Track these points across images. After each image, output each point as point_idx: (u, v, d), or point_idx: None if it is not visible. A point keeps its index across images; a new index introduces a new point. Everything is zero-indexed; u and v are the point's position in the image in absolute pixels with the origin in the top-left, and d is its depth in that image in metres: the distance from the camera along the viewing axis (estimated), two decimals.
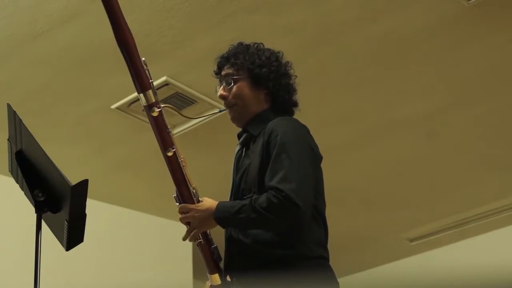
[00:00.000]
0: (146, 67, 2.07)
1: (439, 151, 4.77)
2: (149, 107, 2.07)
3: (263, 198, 2.01)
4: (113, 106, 4.06)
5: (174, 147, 2.10)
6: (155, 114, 2.07)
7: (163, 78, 3.82)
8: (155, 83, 2.13)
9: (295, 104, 2.31)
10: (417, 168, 4.96)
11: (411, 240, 6.14)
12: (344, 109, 4.25)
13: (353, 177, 5.04)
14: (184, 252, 5.45)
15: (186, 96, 4.01)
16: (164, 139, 2.09)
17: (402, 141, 4.62)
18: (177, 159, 2.10)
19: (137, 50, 2.04)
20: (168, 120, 2.14)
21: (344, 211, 5.36)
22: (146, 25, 3.42)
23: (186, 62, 3.75)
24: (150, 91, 2.06)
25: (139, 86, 2.05)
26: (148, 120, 2.13)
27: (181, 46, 3.61)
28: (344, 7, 3.38)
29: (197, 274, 5.52)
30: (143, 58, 2.07)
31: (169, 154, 2.09)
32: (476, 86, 4.08)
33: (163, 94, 3.94)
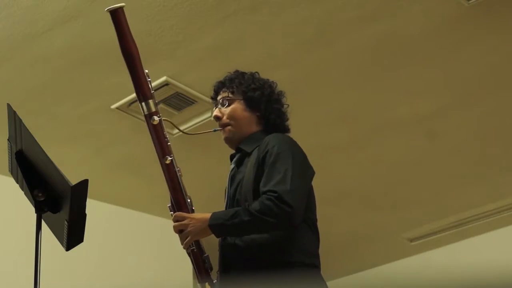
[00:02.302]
0: (149, 78, 2.17)
1: (439, 151, 4.77)
2: (150, 116, 2.16)
3: (256, 203, 2.05)
4: (113, 106, 4.07)
5: (172, 155, 2.16)
6: (155, 122, 2.16)
7: (163, 78, 3.82)
8: (155, 83, 2.17)
9: (286, 130, 2.37)
10: (417, 168, 4.96)
11: (411, 240, 6.13)
12: (344, 109, 4.25)
13: (353, 177, 5.03)
14: (184, 252, 5.41)
15: (186, 96, 4.01)
16: (163, 147, 2.17)
17: (402, 141, 4.62)
18: (174, 167, 2.17)
19: (140, 61, 2.16)
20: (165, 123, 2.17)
21: (344, 211, 5.36)
22: (146, 25, 3.42)
23: (186, 62, 3.75)
24: (151, 101, 2.16)
25: (142, 96, 2.16)
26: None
27: (181, 46, 3.61)
28: (344, 7, 3.38)
29: None
30: (146, 71, 2.17)
31: (167, 162, 2.16)
32: (476, 86, 4.08)
33: (163, 94, 3.94)
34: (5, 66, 3.67)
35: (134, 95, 3.91)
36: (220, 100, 2.34)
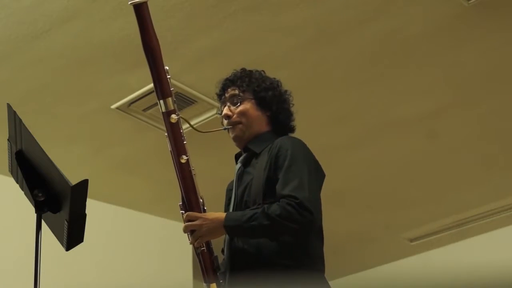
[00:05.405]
0: (169, 75, 2.13)
1: (439, 151, 4.77)
2: (168, 114, 2.13)
3: (275, 206, 2.04)
4: (113, 106, 4.06)
5: (188, 155, 2.15)
6: (173, 121, 2.13)
7: None
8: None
9: (292, 130, 2.37)
10: (417, 168, 4.96)
11: (411, 240, 6.14)
12: (344, 109, 4.25)
13: (353, 177, 5.03)
14: (184, 252, 5.45)
15: (186, 96, 4.01)
16: (179, 146, 2.15)
17: (402, 141, 4.62)
18: (189, 166, 2.15)
19: (161, 57, 2.12)
20: None
21: (344, 211, 5.36)
22: None
23: (186, 62, 3.75)
24: (170, 98, 2.13)
25: (160, 93, 2.12)
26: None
27: (181, 46, 3.61)
28: (344, 7, 3.38)
29: (197, 274, 5.49)
30: (167, 67, 2.13)
31: (183, 161, 2.14)
32: (476, 86, 4.08)
33: None
34: (5, 66, 3.67)
35: (134, 95, 3.93)
36: (230, 98, 2.32)
